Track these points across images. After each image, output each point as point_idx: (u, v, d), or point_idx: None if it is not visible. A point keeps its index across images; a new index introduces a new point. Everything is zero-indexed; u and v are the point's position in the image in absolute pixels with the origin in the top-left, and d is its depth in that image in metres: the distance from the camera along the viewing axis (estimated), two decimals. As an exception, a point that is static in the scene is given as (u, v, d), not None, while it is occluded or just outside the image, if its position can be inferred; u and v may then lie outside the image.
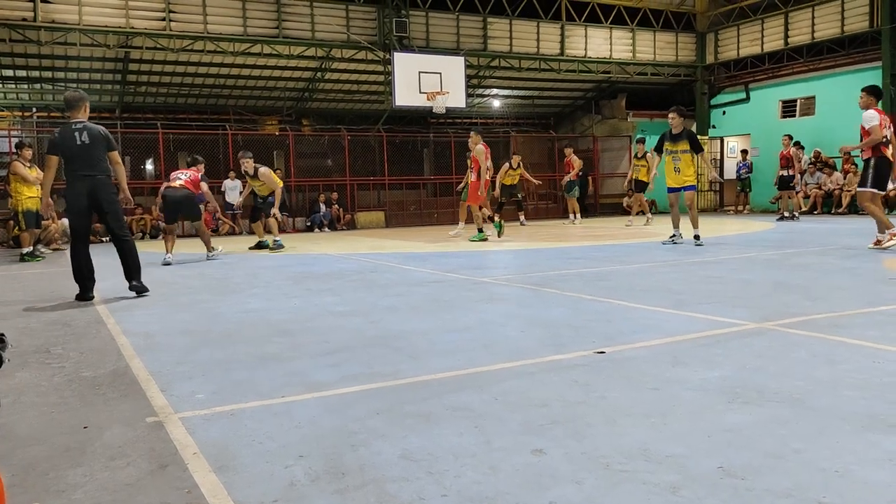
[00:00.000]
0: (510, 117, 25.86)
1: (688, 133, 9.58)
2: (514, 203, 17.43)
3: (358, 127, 21.61)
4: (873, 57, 18.37)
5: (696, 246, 9.37)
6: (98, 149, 6.15)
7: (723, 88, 22.99)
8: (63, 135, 6.15)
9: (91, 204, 6.18)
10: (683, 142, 9.50)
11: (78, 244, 6.26)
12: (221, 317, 5.11)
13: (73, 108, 6.27)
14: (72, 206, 6.22)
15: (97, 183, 6.13)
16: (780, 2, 20.69)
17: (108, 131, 6.36)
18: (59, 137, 6.17)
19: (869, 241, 8.65)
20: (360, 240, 13.95)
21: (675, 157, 9.65)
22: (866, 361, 3.26)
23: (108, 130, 6.38)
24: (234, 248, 12.18)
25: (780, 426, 2.45)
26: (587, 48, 21.40)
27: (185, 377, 3.42)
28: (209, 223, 17.25)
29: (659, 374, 3.15)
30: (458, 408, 2.78)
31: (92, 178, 6.11)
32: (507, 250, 10.56)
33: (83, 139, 6.11)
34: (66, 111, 6.38)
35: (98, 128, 6.22)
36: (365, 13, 18.77)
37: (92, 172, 6.11)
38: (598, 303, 5.16)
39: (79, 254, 6.21)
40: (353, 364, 3.54)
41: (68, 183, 6.19)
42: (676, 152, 9.57)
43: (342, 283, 6.87)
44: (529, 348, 3.82)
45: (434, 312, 4.99)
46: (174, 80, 19.81)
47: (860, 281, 5.88)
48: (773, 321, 4.22)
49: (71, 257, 6.26)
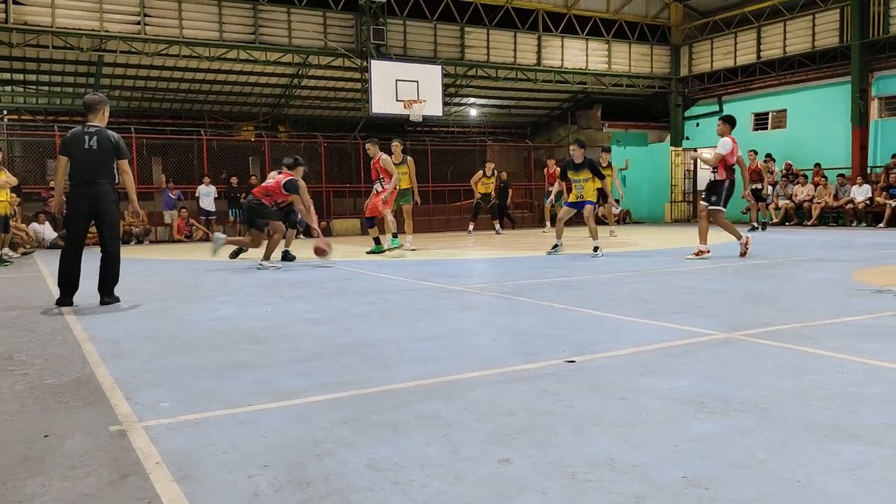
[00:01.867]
0: (487, 126, 25.97)
1: (588, 163, 10.15)
2: (489, 211, 17.47)
3: (334, 134, 21.56)
4: (843, 72, 18.74)
5: (594, 257, 9.75)
6: (105, 155, 6.03)
7: (697, 101, 23.30)
8: (73, 137, 6.05)
9: (90, 211, 6.06)
10: (585, 171, 10.08)
11: (70, 251, 6.14)
12: (191, 324, 5.05)
13: (90, 111, 6.18)
14: (71, 212, 6.10)
15: (99, 191, 6.00)
16: (753, 16, 21.04)
17: (120, 139, 6.21)
18: (69, 138, 6.06)
19: (841, 251, 8.79)
20: (335, 247, 13.86)
21: (577, 185, 10.22)
22: (831, 371, 3.30)
23: (121, 138, 6.23)
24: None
25: (744, 436, 2.47)
26: (563, 59, 21.58)
27: (150, 385, 3.36)
28: (182, 229, 17.11)
29: (627, 384, 3.16)
30: (426, 417, 2.76)
31: (95, 185, 5.98)
32: (482, 259, 10.58)
33: (91, 144, 5.99)
34: (86, 113, 6.25)
35: (110, 134, 6.10)
36: (342, 20, 18.76)
37: (95, 179, 5.98)
38: (570, 312, 5.18)
39: (68, 259, 6.09)
40: (322, 372, 3.51)
41: (71, 187, 6.07)
42: (579, 181, 10.14)
43: (315, 290, 6.83)
44: (500, 357, 3.81)
45: (406, 321, 4.98)
46: (148, 84, 19.63)
47: (827, 292, 5.97)
48: (741, 331, 4.26)
49: (60, 261, 6.13)
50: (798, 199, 18.48)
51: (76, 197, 6.03)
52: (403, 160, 11.72)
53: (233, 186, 17.81)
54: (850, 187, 17.53)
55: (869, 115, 18.39)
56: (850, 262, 8.31)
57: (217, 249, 9.71)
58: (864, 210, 17.11)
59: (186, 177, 18.24)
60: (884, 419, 2.60)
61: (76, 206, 6.04)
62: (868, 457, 2.24)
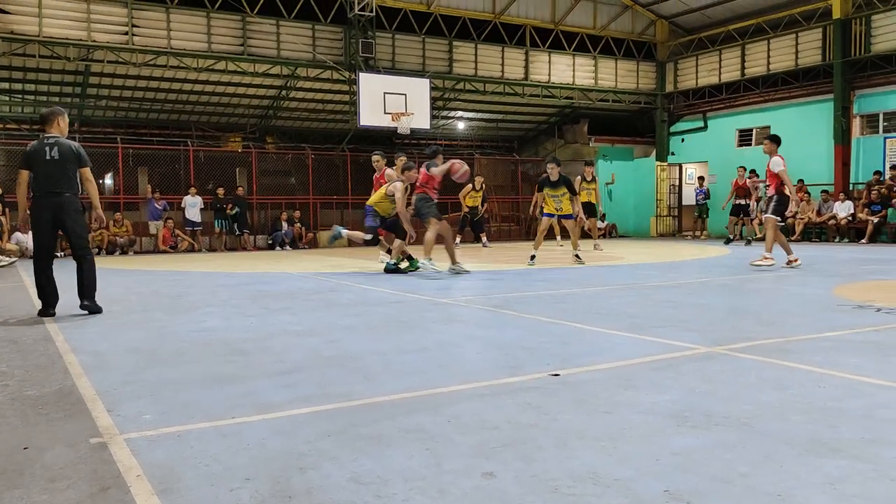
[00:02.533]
0: (474, 140, 26.07)
1: (564, 180, 10.74)
2: (474, 224, 17.45)
3: (322, 146, 21.57)
4: (826, 89, 18.99)
5: (577, 264, 10.68)
6: (67, 165, 6.04)
7: (682, 116, 23.51)
8: (34, 149, 6.05)
9: (55, 222, 6.07)
10: (562, 188, 10.68)
11: (40, 262, 6.15)
12: (174, 335, 5.02)
13: (45, 122, 6.19)
14: (36, 223, 6.10)
15: (63, 201, 6.02)
16: (738, 34, 21.30)
17: (81, 148, 6.22)
18: (30, 152, 6.06)
19: (824, 267, 8.87)
20: (322, 259, 13.86)
21: (556, 199, 10.85)
22: (812, 386, 3.33)
23: (81, 147, 6.24)
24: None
25: (726, 450, 2.49)
26: (551, 74, 21.74)
27: (132, 397, 3.34)
28: (168, 239, 17.02)
29: (611, 398, 3.18)
30: (410, 430, 2.76)
31: (58, 195, 5.99)
32: (469, 271, 10.58)
33: (52, 155, 6.00)
34: (42, 125, 6.27)
35: (70, 143, 6.12)
36: (331, 33, 18.82)
37: (58, 190, 5.99)
38: (555, 325, 5.19)
39: (41, 271, 6.11)
40: (306, 385, 3.50)
41: (34, 199, 6.08)
42: (557, 196, 10.77)
43: (301, 302, 6.81)
44: (485, 370, 3.82)
45: (392, 333, 4.97)
46: (136, 94, 19.58)
47: (810, 307, 6.02)
48: (724, 345, 4.30)
49: (35, 275, 6.14)
50: (782, 215, 18.62)
51: (39, 208, 6.04)
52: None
53: (219, 197, 17.76)
54: (832, 203, 17.73)
55: (851, 132, 18.62)
56: (833, 278, 8.39)
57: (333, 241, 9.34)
58: (846, 226, 17.29)
59: (173, 187, 18.17)
60: (863, 434, 2.62)
61: (40, 217, 6.05)
62: (847, 471, 2.26)
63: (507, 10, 20.74)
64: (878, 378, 3.45)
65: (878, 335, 4.61)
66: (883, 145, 18.17)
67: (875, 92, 18.29)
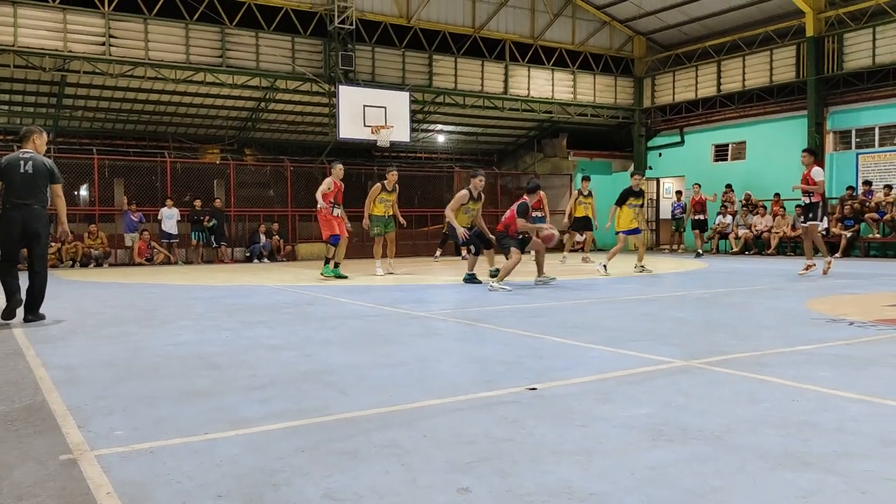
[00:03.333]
0: (454, 153, 26.16)
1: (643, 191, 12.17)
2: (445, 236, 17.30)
3: (301, 158, 21.51)
4: (800, 106, 19.31)
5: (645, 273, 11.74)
6: (39, 179, 6.41)
7: (659, 131, 23.78)
8: (9, 162, 6.40)
9: (23, 232, 6.39)
10: (641, 199, 12.11)
11: (5, 264, 6.49)
12: (148, 350, 4.96)
13: (22, 139, 6.62)
14: (5, 232, 6.41)
15: (32, 212, 6.35)
16: (714, 51, 21.62)
17: (54, 164, 6.62)
18: (5, 164, 6.43)
19: (798, 281, 8.98)
20: (300, 271, 13.79)
21: (635, 209, 12.04)
22: (785, 399, 3.37)
23: (54, 164, 6.63)
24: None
25: (700, 464, 2.50)
26: (530, 88, 21.90)
27: (104, 413, 3.29)
28: (143, 251, 16.85)
29: (587, 411, 3.18)
30: (385, 445, 2.74)
31: (28, 206, 6.32)
32: (448, 285, 10.59)
33: (27, 168, 6.36)
34: (19, 141, 6.74)
35: (44, 160, 6.52)
36: (311, 46, 18.83)
37: (28, 202, 6.33)
38: (533, 339, 5.20)
39: (6, 272, 6.43)
40: (281, 399, 3.47)
41: (4, 209, 6.40)
42: (637, 206, 12.07)
43: (277, 315, 6.76)
44: (462, 384, 3.81)
45: (369, 347, 4.95)
46: (112, 105, 19.43)
47: (784, 321, 6.09)
48: (699, 359, 4.33)
49: (1, 277, 6.44)
50: (757, 229, 18.89)
51: (9, 219, 6.34)
52: (394, 188, 12.24)
53: (196, 209, 17.61)
54: (806, 218, 17.96)
55: (825, 148, 18.94)
56: (806, 292, 8.50)
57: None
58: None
59: (149, 199, 18.00)
60: (834, 447, 2.65)
61: (9, 227, 6.38)
62: (819, 485, 2.28)
63: (487, 24, 20.89)
64: (850, 392, 3.50)
65: (850, 349, 4.67)
66: (855, 161, 18.51)
67: (848, 108, 18.64)
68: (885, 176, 17.71)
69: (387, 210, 12.23)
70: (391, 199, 12.10)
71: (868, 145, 18.38)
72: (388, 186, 12.12)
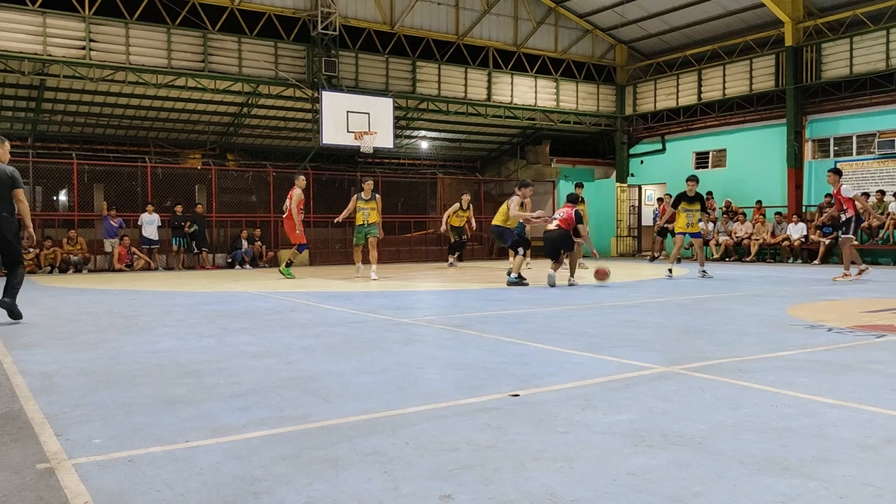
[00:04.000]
0: (437, 159, 26.19)
1: (699, 196, 12.44)
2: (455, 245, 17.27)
3: (284, 163, 21.44)
4: (779, 114, 19.55)
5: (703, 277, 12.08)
6: (3, 188, 6.60)
7: (641, 139, 23.95)
8: None
9: None
10: (696, 203, 12.33)
11: None
12: (127, 357, 4.90)
13: None
14: None
15: (1, 220, 6.57)
16: (694, 59, 21.84)
17: (15, 171, 6.80)
18: None
19: (778, 287, 9.07)
20: (282, 278, 13.72)
21: (689, 213, 12.43)
22: (765, 405, 3.39)
23: (16, 170, 6.83)
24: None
25: (681, 469, 2.51)
26: (513, 95, 21.99)
27: (82, 421, 3.25)
28: (123, 257, 16.69)
29: (569, 418, 3.19)
30: (368, 452, 2.73)
31: None
32: (432, 291, 10.59)
33: None
34: None
35: (5, 168, 6.70)
36: (294, 51, 18.79)
37: None
38: (516, 345, 5.21)
39: None
40: (262, 407, 3.44)
41: None
42: (692, 211, 12.37)
43: (259, 322, 6.72)
44: (445, 391, 3.81)
45: (351, 354, 4.93)
46: (92, 109, 19.26)
47: (764, 327, 6.15)
48: (680, 365, 4.35)
49: None
50: (737, 236, 19.06)
51: None
52: (372, 196, 12.75)
53: (177, 215, 17.48)
54: (786, 225, 18.18)
55: (804, 156, 19.18)
56: (786, 298, 8.59)
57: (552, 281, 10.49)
58: (799, 247, 17.74)
59: (129, 205, 17.83)
60: (813, 452, 2.68)
61: None
62: (798, 490, 2.30)
63: (471, 32, 20.97)
64: (829, 397, 3.53)
65: (828, 355, 4.72)
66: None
67: (826, 117, 18.89)
68: (863, 184, 17.94)
69: (365, 219, 12.62)
70: (368, 207, 12.58)
71: (846, 153, 18.64)
72: (364, 196, 12.70)
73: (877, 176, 17.86)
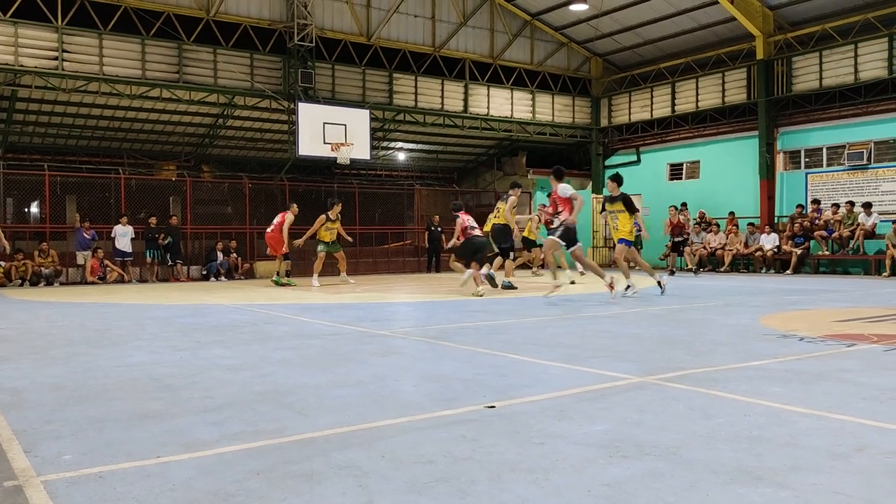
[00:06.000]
0: (415, 171, 26.22)
1: (623, 196, 10.89)
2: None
3: (260, 175, 21.33)
4: (751, 126, 19.86)
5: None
6: None
7: (616, 150, 24.19)
8: None
9: None
10: (618, 203, 10.82)
11: None
12: (99, 371, 4.83)
13: None
14: None
15: None
16: (668, 72, 22.13)
17: None
18: None
19: (751, 297, 9.18)
20: (258, 290, 13.63)
21: (612, 216, 11.02)
22: (738, 414, 3.43)
23: None
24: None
25: (655, 480, 2.52)
26: (490, 107, 22.12)
27: (52, 437, 3.19)
28: (96, 270, 16.47)
29: (545, 429, 3.20)
30: (343, 466, 2.72)
31: None
32: (408, 302, 10.58)
33: None
34: None
35: None
36: (270, 62, 18.75)
37: None
38: (493, 356, 5.21)
39: None
40: (236, 421, 3.41)
41: None
42: (613, 212, 10.93)
43: (234, 335, 6.66)
44: (421, 403, 3.80)
45: (327, 366, 4.91)
46: (65, 120, 19.05)
47: (737, 337, 6.21)
48: (655, 375, 4.38)
49: None
50: (711, 247, 19.28)
51: None
52: (337, 217, 14.27)
53: (151, 227, 17.29)
54: (759, 235, 18.43)
55: (775, 167, 19.48)
56: (759, 308, 8.69)
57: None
58: (772, 257, 17.98)
59: (102, 216, 17.62)
60: (785, 461, 2.71)
61: None
62: (770, 499, 2.33)
63: (447, 44, 21.07)
64: (801, 406, 3.58)
65: (800, 364, 4.78)
66: (805, 180, 19.07)
67: (797, 129, 19.22)
68: (833, 195, 18.27)
69: (332, 237, 14.27)
70: (335, 226, 14.14)
71: (817, 165, 18.96)
72: (332, 216, 14.12)
73: (846, 187, 18.18)
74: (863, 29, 17.61)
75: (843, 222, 17.13)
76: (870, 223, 16.50)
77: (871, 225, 16.49)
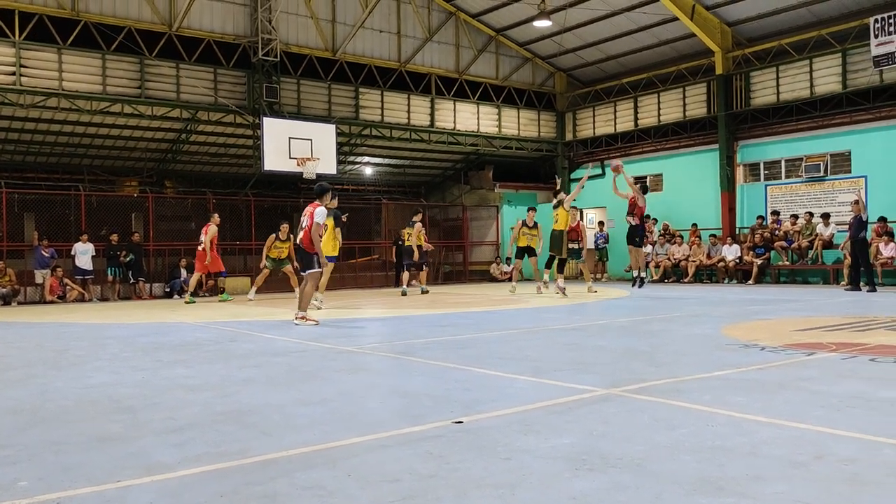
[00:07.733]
0: (382, 185, 26.17)
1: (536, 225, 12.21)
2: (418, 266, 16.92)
3: (225, 190, 21.10)
4: (712, 140, 20.23)
5: None
6: None
7: (581, 164, 24.43)
8: None
9: None
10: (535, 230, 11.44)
11: None
12: (57, 393, 4.72)
13: None
14: None
15: None
16: (630, 87, 22.48)
17: None
18: None
19: (714, 308, 9.31)
20: (222, 307, 13.45)
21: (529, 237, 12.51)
22: (701, 425, 3.47)
23: None
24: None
25: (620, 492, 2.54)
26: (456, 121, 22.22)
27: (7, 462, 3.10)
28: (56, 289, 16.11)
29: (511, 444, 3.20)
30: (307, 486, 2.68)
31: None
32: (376, 318, 10.53)
33: None
34: None
35: None
36: (234, 77, 18.61)
37: None
38: (459, 371, 5.21)
39: None
40: (199, 443, 3.35)
41: None
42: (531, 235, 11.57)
43: (197, 353, 6.56)
44: (388, 420, 3.78)
45: (293, 384, 4.85)
46: (23, 136, 18.65)
47: (700, 347, 6.30)
48: (620, 387, 4.42)
49: None
50: (675, 258, 19.55)
51: None
52: (288, 237, 14.65)
53: (112, 244, 16.98)
54: (721, 247, 18.74)
55: (736, 179, 19.86)
56: (721, 318, 8.82)
57: None
58: (734, 268, 18.29)
59: (62, 234, 17.24)
60: (747, 471, 2.74)
61: None
62: (732, 508, 2.35)
63: (413, 59, 21.15)
64: (762, 416, 3.63)
65: (761, 373, 4.86)
66: (764, 192, 19.46)
67: (756, 143, 19.63)
68: (792, 206, 18.67)
69: (280, 254, 14.82)
70: (284, 246, 14.65)
71: (775, 177, 19.37)
72: (281, 236, 14.66)
73: (805, 199, 18.60)
74: (817, 45, 18.10)
75: (801, 233, 17.50)
76: (828, 233, 16.89)
77: (829, 235, 16.88)
